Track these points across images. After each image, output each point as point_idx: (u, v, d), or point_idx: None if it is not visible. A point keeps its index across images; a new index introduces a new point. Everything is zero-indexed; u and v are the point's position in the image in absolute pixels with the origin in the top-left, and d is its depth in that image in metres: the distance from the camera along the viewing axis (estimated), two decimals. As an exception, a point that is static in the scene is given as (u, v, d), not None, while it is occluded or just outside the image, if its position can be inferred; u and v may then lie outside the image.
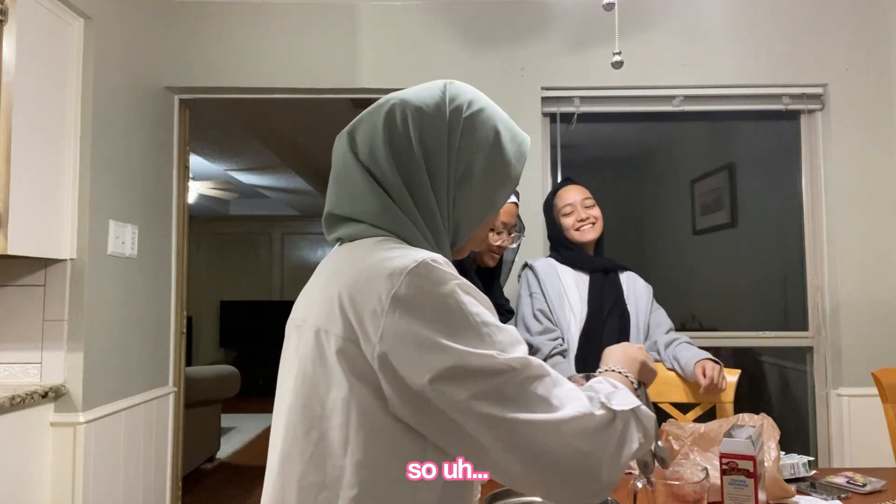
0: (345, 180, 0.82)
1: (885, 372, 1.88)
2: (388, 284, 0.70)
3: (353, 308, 0.71)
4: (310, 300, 0.81)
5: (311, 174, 6.24)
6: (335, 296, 0.73)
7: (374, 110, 0.84)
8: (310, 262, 8.50)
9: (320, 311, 0.75)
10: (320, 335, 0.74)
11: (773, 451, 1.39)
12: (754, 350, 3.04)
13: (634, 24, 2.69)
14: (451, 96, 0.83)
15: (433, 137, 0.80)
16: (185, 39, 2.69)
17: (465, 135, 0.81)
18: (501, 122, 0.85)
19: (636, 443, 0.77)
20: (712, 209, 3.11)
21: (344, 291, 0.73)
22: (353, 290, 0.72)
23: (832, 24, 2.68)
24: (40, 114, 1.97)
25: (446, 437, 0.71)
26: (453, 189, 0.81)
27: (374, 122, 0.82)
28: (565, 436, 0.71)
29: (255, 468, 4.66)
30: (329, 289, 0.76)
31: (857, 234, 2.62)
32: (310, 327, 0.76)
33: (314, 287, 0.83)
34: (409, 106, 0.81)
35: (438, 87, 0.84)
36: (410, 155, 0.79)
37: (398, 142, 0.79)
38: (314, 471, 0.73)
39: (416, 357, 0.68)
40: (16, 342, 2.07)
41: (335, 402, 0.72)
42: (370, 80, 2.69)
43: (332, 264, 0.81)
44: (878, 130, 2.65)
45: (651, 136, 3.29)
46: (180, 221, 2.80)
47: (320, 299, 0.77)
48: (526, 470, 0.71)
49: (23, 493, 1.92)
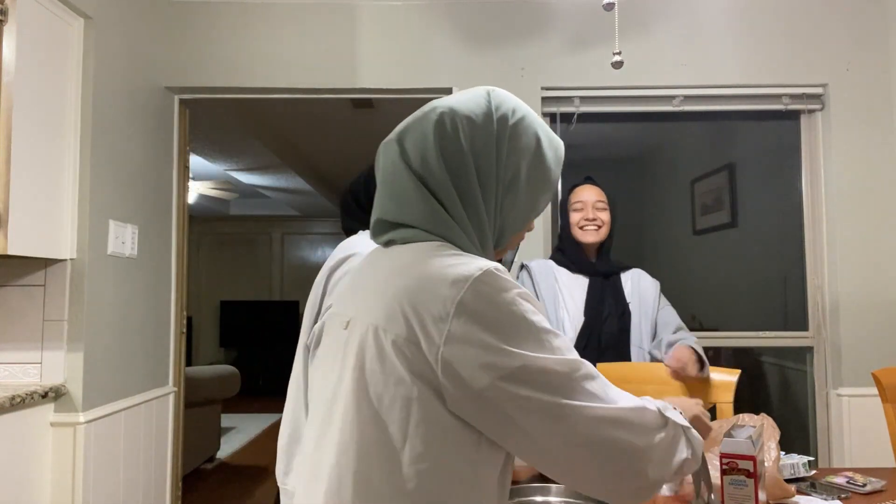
0: (395, 187, 0.84)
1: (885, 372, 1.88)
2: (453, 291, 0.73)
3: (416, 312, 0.74)
4: (362, 298, 0.82)
5: (311, 174, 6.24)
6: (396, 299, 0.76)
7: (422, 118, 0.85)
8: (310, 262, 8.50)
9: (378, 310, 0.77)
10: (379, 333, 0.76)
11: (773, 451, 1.39)
12: (754, 350, 3.04)
13: (634, 24, 2.69)
14: (496, 104, 0.85)
15: (483, 145, 0.82)
16: (185, 39, 2.69)
17: (512, 142, 0.84)
18: (541, 128, 0.88)
19: (685, 453, 0.81)
20: (712, 209, 3.11)
21: (405, 296, 0.75)
22: (415, 295, 0.75)
23: (832, 24, 2.68)
24: (40, 114, 1.97)
25: (505, 435, 0.74)
26: (501, 195, 0.84)
27: (424, 131, 0.83)
28: (620, 428, 0.75)
29: (255, 468, 4.66)
30: (387, 290, 0.78)
31: (857, 234, 2.62)
32: (364, 325, 0.78)
33: (365, 285, 0.84)
34: (458, 115, 0.83)
35: (483, 96, 0.85)
36: (462, 163, 0.81)
37: (450, 150, 0.81)
38: (373, 463, 0.75)
39: (480, 360, 0.72)
40: (16, 342, 2.07)
41: (395, 399, 0.74)
42: (370, 80, 2.69)
43: (387, 265, 0.82)
44: (878, 130, 2.65)
45: (651, 136, 3.29)
46: (180, 221, 2.80)
47: (376, 299, 0.79)
48: (581, 463, 0.75)
49: (23, 493, 1.92)
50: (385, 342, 0.75)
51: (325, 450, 0.80)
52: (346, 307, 0.86)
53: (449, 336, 0.72)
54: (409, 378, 0.74)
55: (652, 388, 1.92)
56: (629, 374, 1.97)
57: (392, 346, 0.74)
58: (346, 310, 0.85)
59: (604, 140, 3.26)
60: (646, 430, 0.78)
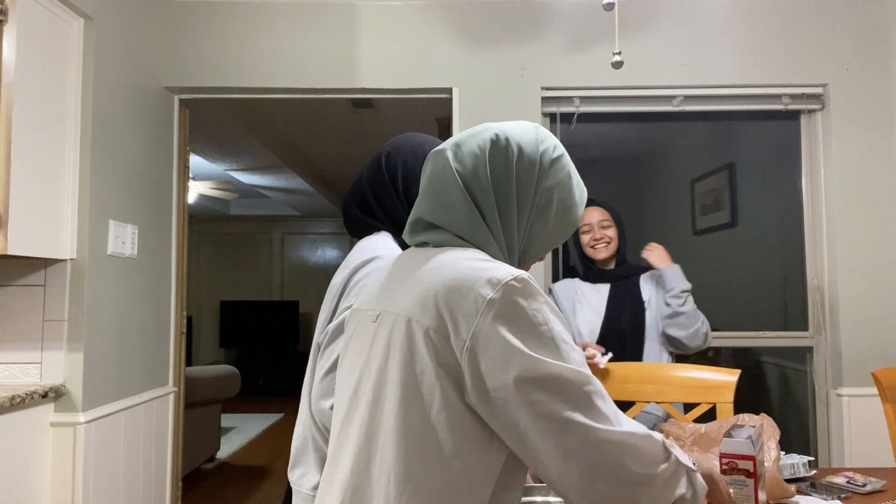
0: (442, 192, 0.90)
1: (885, 372, 1.88)
2: (486, 289, 0.78)
3: (448, 305, 0.79)
4: (393, 293, 0.88)
5: (311, 174, 6.24)
6: (430, 292, 0.81)
7: (476, 135, 0.92)
8: (310, 262, 8.50)
9: (411, 303, 0.82)
10: (411, 324, 0.81)
11: (773, 451, 1.39)
12: (754, 350, 3.04)
13: (634, 24, 2.69)
14: (542, 138, 0.94)
15: (527, 172, 0.90)
16: (185, 39, 2.69)
17: (550, 175, 0.92)
18: (572, 168, 0.97)
19: (684, 490, 0.83)
20: (712, 209, 3.11)
21: (441, 289, 0.80)
22: (450, 289, 0.80)
23: (832, 24, 2.68)
24: (40, 114, 1.97)
25: (509, 434, 0.78)
26: (532, 217, 0.92)
27: (479, 146, 0.91)
28: (622, 452, 0.77)
29: (255, 468, 4.66)
30: (420, 285, 0.83)
31: (857, 234, 2.62)
32: (394, 316, 0.84)
33: (396, 283, 0.89)
34: (511, 138, 0.91)
35: (532, 129, 0.94)
36: (507, 181, 0.89)
37: (498, 167, 0.89)
38: (392, 447, 0.80)
39: (500, 359, 0.76)
40: (16, 342, 2.07)
41: (418, 387, 0.79)
42: (370, 80, 2.69)
43: (421, 263, 0.87)
44: (878, 130, 2.65)
45: (651, 136, 3.29)
46: (180, 221, 2.80)
47: (409, 293, 0.84)
48: (574, 477, 0.77)
49: (23, 493, 1.92)
50: (416, 332, 0.80)
51: (350, 434, 0.85)
52: (375, 303, 0.91)
53: (476, 331, 0.77)
54: (434, 367, 0.78)
55: (652, 387, 1.92)
56: (630, 374, 1.97)
57: (423, 336, 0.79)
58: (376, 306, 0.90)
59: (604, 140, 3.25)
60: (647, 459, 0.79)
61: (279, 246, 8.48)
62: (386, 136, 5.05)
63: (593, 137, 3.09)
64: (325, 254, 8.54)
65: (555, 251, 2.78)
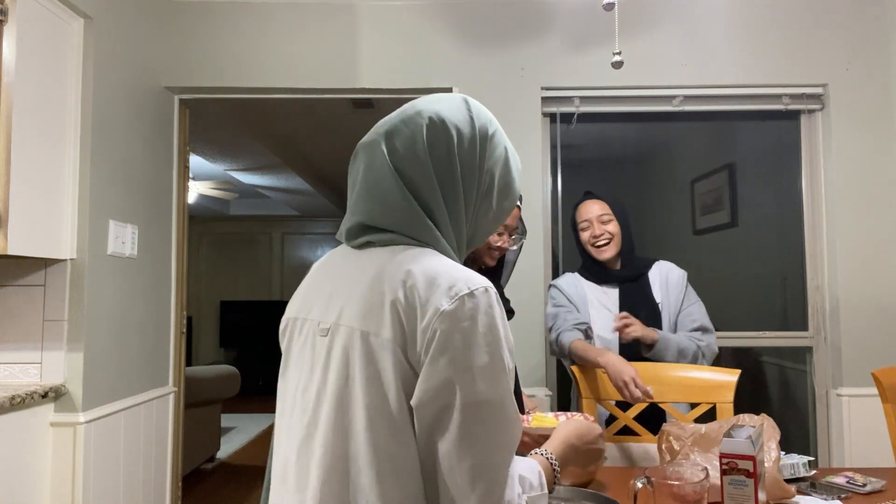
0: (378, 189, 0.84)
1: (885, 372, 1.88)
2: (444, 300, 0.75)
3: (406, 315, 0.76)
4: (343, 303, 0.83)
5: (311, 174, 6.24)
6: (386, 300, 0.77)
7: (408, 121, 0.85)
8: (310, 262, 8.50)
9: (365, 315, 0.79)
10: (369, 339, 0.78)
11: (773, 451, 1.39)
12: (754, 350, 3.04)
13: (634, 24, 2.69)
14: (476, 114, 0.88)
15: (469, 156, 0.85)
16: (185, 39, 2.69)
17: (489, 153, 0.88)
18: (507, 140, 0.93)
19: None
20: (712, 209, 3.11)
21: (396, 297, 0.77)
22: (407, 297, 0.77)
23: (832, 24, 2.68)
24: (40, 114, 1.97)
25: (437, 441, 0.77)
26: (478, 201, 0.87)
27: (413, 135, 0.84)
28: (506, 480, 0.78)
29: (255, 468, 4.66)
30: (374, 293, 0.79)
31: (857, 234, 2.62)
32: (348, 331, 0.80)
33: (344, 290, 0.84)
34: (447, 122, 0.84)
35: (463, 105, 0.88)
36: (450, 170, 0.83)
37: (441, 157, 0.83)
38: (355, 464, 0.78)
39: (445, 372, 0.75)
40: (16, 342, 2.07)
41: (378, 400, 0.77)
42: (370, 80, 2.69)
43: (367, 267, 0.83)
44: (878, 130, 2.65)
45: (651, 136, 3.29)
46: (180, 221, 2.80)
47: (362, 303, 0.80)
48: (459, 477, 0.76)
49: (23, 493, 1.92)
50: (375, 346, 0.77)
51: (312, 459, 0.81)
52: (323, 314, 0.85)
53: (428, 341, 0.75)
54: (397, 383, 0.76)
55: (652, 388, 1.92)
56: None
57: (381, 349, 0.77)
58: (324, 316, 0.85)
59: (604, 140, 3.26)
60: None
61: (279, 246, 8.48)
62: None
63: (593, 137, 3.09)
64: (324, 254, 8.52)
65: (553, 251, 2.77)
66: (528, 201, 2.63)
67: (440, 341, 0.74)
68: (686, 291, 2.09)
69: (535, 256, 2.63)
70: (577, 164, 2.97)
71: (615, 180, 3.39)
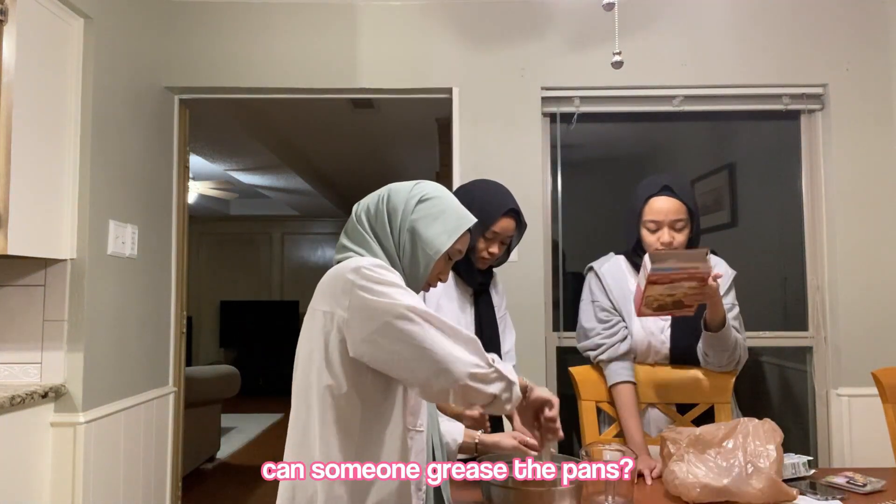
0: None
1: (885, 372, 1.88)
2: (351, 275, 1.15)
3: (332, 290, 1.17)
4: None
5: (311, 174, 6.24)
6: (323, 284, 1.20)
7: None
8: (310, 262, 8.50)
9: (321, 297, 1.20)
10: (315, 313, 1.19)
11: (773, 453, 1.40)
12: (754, 350, 3.03)
13: (634, 24, 2.69)
14: (416, 190, 1.28)
15: (392, 210, 1.27)
16: (185, 39, 2.69)
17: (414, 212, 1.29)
18: (447, 204, 1.30)
19: (497, 391, 1.12)
20: (712, 209, 3.11)
21: (325, 280, 1.20)
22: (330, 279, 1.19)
23: (832, 24, 2.68)
24: (40, 114, 1.97)
25: (384, 361, 1.12)
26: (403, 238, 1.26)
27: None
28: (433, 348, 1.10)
29: (255, 468, 4.66)
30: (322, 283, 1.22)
31: (857, 234, 2.62)
32: (310, 310, 1.22)
33: None
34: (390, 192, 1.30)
35: (410, 185, 1.30)
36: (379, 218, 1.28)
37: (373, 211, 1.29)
38: (317, 413, 1.17)
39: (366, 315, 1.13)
40: (16, 342, 2.07)
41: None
42: (370, 80, 2.69)
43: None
44: (878, 130, 2.65)
45: (651, 136, 3.29)
46: (180, 221, 2.80)
47: (322, 287, 1.21)
48: (417, 369, 1.10)
49: (23, 493, 1.92)
50: (318, 316, 1.17)
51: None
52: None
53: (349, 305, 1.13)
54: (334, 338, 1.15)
55: (649, 389, 1.92)
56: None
57: (323, 316, 1.16)
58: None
59: (604, 140, 3.25)
60: (459, 357, 1.11)
61: (279, 246, 8.48)
62: (386, 136, 5.05)
63: (593, 137, 3.08)
64: (325, 254, 8.54)
65: (554, 250, 2.77)
66: (527, 201, 2.62)
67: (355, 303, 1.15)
68: (729, 292, 1.94)
69: (535, 256, 2.63)
70: (577, 164, 2.97)
71: (615, 180, 3.39)
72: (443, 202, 1.27)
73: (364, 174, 6.55)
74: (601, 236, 2.96)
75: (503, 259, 1.90)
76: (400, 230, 1.23)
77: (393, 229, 1.24)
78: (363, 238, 1.24)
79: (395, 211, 1.24)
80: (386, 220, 1.24)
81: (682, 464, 1.42)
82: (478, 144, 2.68)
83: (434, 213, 1.25)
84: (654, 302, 1.67)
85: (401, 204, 1.24)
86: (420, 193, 1.26)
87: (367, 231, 1.25)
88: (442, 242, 1.23)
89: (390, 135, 4.99)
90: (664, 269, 1.60)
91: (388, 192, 1.27)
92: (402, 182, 1.29)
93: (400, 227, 1.23)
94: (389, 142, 5.21)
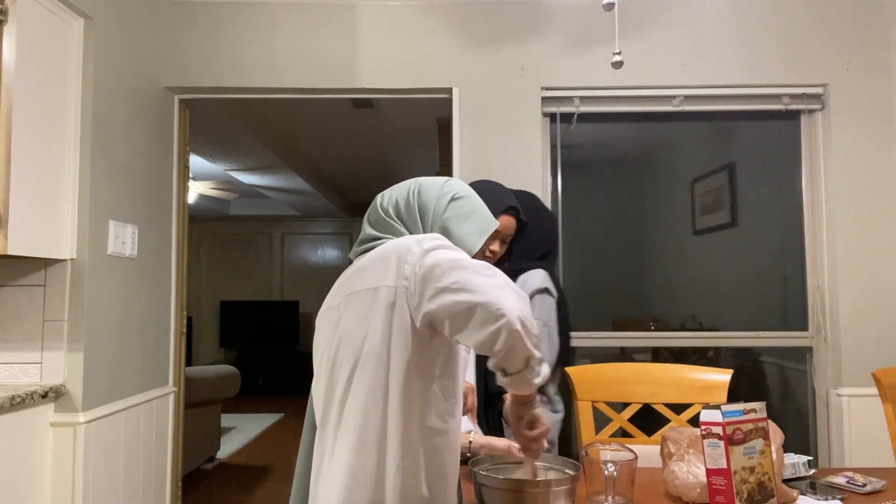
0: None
1: (885, 372, 1.88)
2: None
3: (388, 265, 1.14)
4: (346, 286, 1.20)
5: (311, 174, 6.24)
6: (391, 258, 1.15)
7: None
8: (310, 262, 8.50)
9: (374, 275, 1.16)
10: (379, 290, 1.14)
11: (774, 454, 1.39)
12: (754, 350, 3.03)
13: (634, 24, 2.69)
14: (449, 185, 1.29)
15: (426, 202, 1.29)
16: (185, 39, 2.69)
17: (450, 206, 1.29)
18: (474, 204, 1.31)
19: (539, 355, 1.11)
20: (712, 209, 3.10)
21: (392, 255, 1.15)
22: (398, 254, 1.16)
23: (832, 24, 2.68)
24: (40, 114, 1.97)
25: (448, 312, 1.07)
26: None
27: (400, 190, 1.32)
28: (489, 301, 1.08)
29: (255, 468, 4.66)
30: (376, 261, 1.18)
31: (857, 234, 2.62)
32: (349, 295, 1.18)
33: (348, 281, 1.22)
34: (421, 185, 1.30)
35: (441, 181, 1.30)
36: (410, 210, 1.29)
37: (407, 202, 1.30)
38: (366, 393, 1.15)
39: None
40: (16, 342, 2.07)
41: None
42: (370, 80, 2.69)
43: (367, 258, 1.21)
44: (878, 130, 2.65)
45: (651, 136, 3.28)
46: (180, 221, 2.80)
47: (369, 269, 1.17)
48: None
49: (23, 493, 1.92)
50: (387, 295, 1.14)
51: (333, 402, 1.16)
52: (333, 300, 1.21)
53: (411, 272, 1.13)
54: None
55: (645, 388, 1.92)
56: (623, 374, 1.98)
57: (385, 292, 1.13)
58: (333, 301, 1.21)
59: (604, 140, 3.25)
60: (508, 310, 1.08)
61: (279, 246, 8.48)
62: (386, 136, 5.05)
63: (593, 137, 3.08)
64: (325, 254, 8.54)
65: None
66: (528, 201, 2.63)
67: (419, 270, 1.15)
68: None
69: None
70: (577, 164, 2.97)
71: (615, 180, 3.39)
72: (472, 202, 1.29)
73: (364, 174, 6.56)
74: (601, 236, 2.96)
75: (504, 258, 1.90)
76: (432, 227, 1.24)
77: (425, 225, 1.25)
78: (394, 228, 1.24)
79: (427, 207, 1.25)
80: (417, 215, 1.25)
81: (682, 464, 1.42)
82: (478, 144, 2.68)
83: (465, 213, 1.26)
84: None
85: (432, 201, 1.26)
86: (451, 192, 1.28)
87: (397, 222, 1.25)
88: (473, 242, 1.25)
89: (390, 135, 4.99)
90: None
91: (419, 188, 1.27)
92: (429, 177, 1.31)
93: (432, 224, 1.24)
94: (389, 142, 5.21)
